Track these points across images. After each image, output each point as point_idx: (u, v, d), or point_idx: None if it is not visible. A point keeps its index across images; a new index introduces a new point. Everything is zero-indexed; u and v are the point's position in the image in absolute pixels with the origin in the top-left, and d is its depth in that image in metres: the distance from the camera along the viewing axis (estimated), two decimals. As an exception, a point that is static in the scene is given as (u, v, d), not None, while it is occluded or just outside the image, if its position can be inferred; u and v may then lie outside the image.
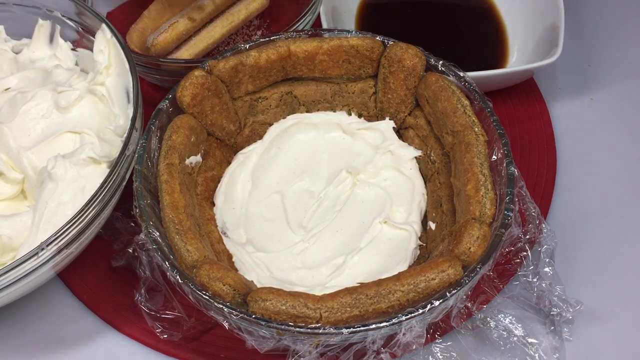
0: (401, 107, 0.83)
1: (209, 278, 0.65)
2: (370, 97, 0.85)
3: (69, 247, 0.70)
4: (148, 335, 0.77)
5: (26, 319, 0.80)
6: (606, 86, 1.02)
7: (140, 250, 0.71)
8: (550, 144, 0.94)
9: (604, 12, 1.11)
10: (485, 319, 0.74)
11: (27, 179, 0.79)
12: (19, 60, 0.89)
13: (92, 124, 0.81)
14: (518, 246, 0.74)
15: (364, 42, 0.81)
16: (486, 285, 0.72)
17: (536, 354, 0.74)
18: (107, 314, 0.80)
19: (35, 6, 0.89)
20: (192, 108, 0.78)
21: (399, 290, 0.65)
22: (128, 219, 0.78)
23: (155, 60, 0.87)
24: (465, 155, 0.74)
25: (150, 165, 0.74)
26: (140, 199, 0.71)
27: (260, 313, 0.64)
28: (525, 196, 0.74)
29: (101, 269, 0.83)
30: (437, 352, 0.71)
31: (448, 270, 0.65)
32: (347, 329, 0.63)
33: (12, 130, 0.80)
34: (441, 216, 0.77)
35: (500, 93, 0.97)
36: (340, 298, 0.65)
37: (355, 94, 0.86)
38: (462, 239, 0.68)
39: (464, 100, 0.77)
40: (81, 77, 0.84)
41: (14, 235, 0.74)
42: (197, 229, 0.71)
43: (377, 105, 0.85)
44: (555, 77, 1.02)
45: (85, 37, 0.88)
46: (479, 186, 0.72)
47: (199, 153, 0.79)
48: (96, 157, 0.75)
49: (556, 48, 0.92)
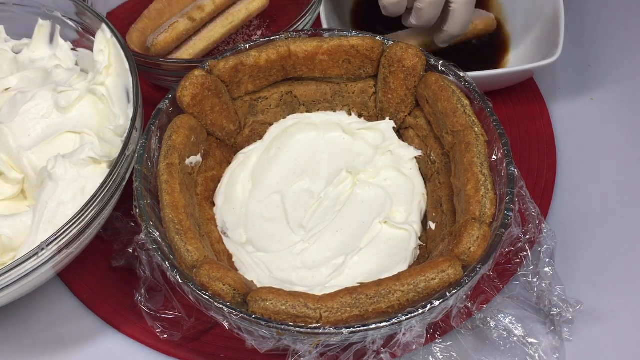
0: (401, 107, 0.83)
1: (209, 278, 0.65)
2: (370, 97, 0.85)
3: (69, 247, 0.70)
4: (148, 335, 0.77)
5: (26, 319, 0.80)
6: (606, 86, 1.02)
7: (140, 250, 0.71)
8: (550, 144, 0.94)
9: (604, 12, 1.11)
10: (485, 319, 0.74)
11: (27, 179, 0.79)
12: (19, 60, 0.89)
13: (92, 124, 0.81)
14: (518, 246, 0.74)
15: (364, 42, 0.81)
16: (486, 285, 0.72)
17: (536, 354, 0.74)
18: (107, 314, 0.80)
19: (35, 6, 0.89)
20: (192, 108, 0.78)
21: (399, 290, 0.65)
22: (128, 219, 0.78)
23: (155, 60, 0.88)
24: (465, 155, 0.74)
25: (150, 165, 0.74)
26: (140, 199, 0.71)
27: (260, 313, 0.64)
28: (525, 196, 0.74)
29: (101, 269, 0.83)
30: (437, 352, 0.71)
31: (448, 270, 0.65)
32: (347, 329, 0.63)
33: (12, 130, 0.80)
34: (441, 216, 0.77)
35: (500, 93, 0.97)
36: (340, 298, 0.65)
37: (355, 94, 0.86)
38: (462, 239, 0.68)
39: (464, 100, 0.77)
40: (81, 77, 0.85)
41: (14, 235, 0.74)
42: (197, 229, 0.71)
43: (377, 105, 0.85)
44: (555, 77, 1.02)
45: (85, 37, 0.88)
46: (479, 186, 0.72)
47: (199, 153, 0.79)
48: (96, 157, 0.75)
49: (556, 48, 0.92)
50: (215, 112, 0.80)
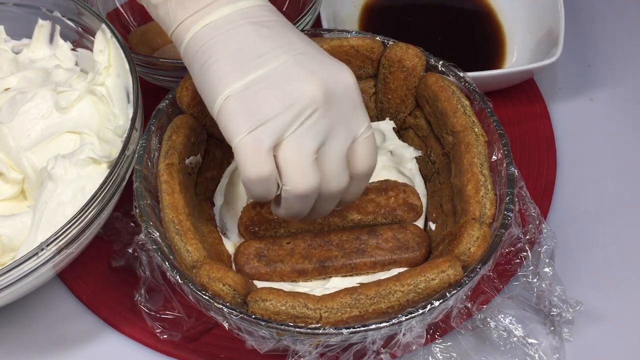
0: (401, 108, 0.83)
1: (208, 278, 0.65)
2: (370, 98, 0.85)
3: (69, 247, 0.70)
4: (148, 336, 0.77)
5: (26, 319, 0.80)
6: (606, 86, 1.02)
7: (140, 250, 0.71)
8: (550, 144, 0.94)
9: (604, 12, 1.11)
10: (485, 320, 0.74)
11: (27, 179, 0.79)
12: (19, 60, 0.89)
13: (92, 124, 0.81)
14: (518, 246, 0.73)
15: (364, 42, 0.81)
16: (486, 285, 0.72)
17: (536, 354, 0.74)
18: (106, 314, 0.80)
19: (35, 6, 0.89)
20: (192, 108, 0.78)
21: (398, 290, 0.65)
22: (128, 219, 0.78)
23: (155, 60, 0.87)
24: (465, 156, 0.74)
25: (150, 165, 0.74)
26: (140, 199, 0.71)
27: (260, 313, 0.64)
28: (525, 196, 0.74)
29: (101, 269, 0.83)
30: (437, 353, 0.71)
31: (448, 271, 0.65)
32: (347, 329, 0.63)
33: (12, 131, 0.80)
34: (441, 216, 0.77)
35: (500, 93, 0.97)
36: (340, 298, 0.65)
37: (355, 94, 0.86)
38: (462, 240, 0.68)
39: (464, 100, 0.77)
40: (81, 78, 0.84)
41: (13, 236, 0.74)
42: (196, 230, 0.71)
43: (377, 105, 0.85)
44: (555, 77, 1.02)
45: (85, 37, 0.88)
46: (479, 186, 0.72)
47: (198, 153, 0.79)
48: (96, 157, 0.75)
49: (556, 48, 0.92)
50: (215, 112, 0.80)
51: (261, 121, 0.59)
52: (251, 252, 0.74)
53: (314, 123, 0.60)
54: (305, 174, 0.60)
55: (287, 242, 0.75)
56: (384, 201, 0.78)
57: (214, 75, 0.61)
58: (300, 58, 0.62)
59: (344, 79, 0.62)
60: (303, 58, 0.62)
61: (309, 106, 0.60)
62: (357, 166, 0.64)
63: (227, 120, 0.60)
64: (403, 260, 0.74)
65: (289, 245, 0.75)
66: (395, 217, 0.77)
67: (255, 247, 0.75)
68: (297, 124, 0.59)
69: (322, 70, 0.61)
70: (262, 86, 0.60)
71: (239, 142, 0.60)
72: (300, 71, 0.61)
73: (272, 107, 0.59)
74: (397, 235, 0.75)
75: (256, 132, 0.59)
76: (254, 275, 0.74)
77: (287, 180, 0.60)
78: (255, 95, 0.60)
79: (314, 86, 0.60)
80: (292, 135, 0.60)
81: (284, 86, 0.60)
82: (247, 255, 0.74)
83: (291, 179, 0.60)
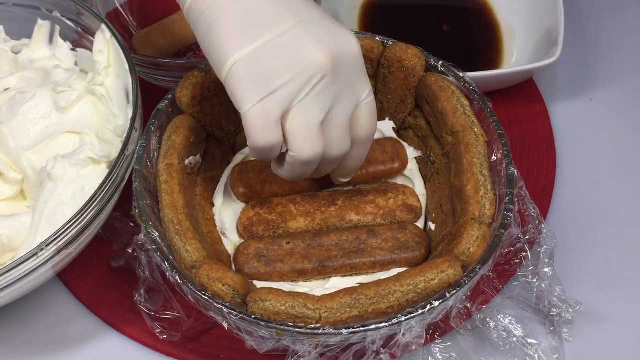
0: (401, 108, 0.83)
1: (208, 278, 0.65)
2: (370, 98, 0.85)
3: (69, 247, 0.70)
4: (147, 336, 0.77)
5: (25, 319, 0.80)
6: (606, 86, 1.02)
7: (140, 250, 0.71)
8: (550, 144, 0.94)
9: (603, 12, 1.11)
10: (484, 320, 0.74)
11: (27, 179, 0.79)
12: (19, 60, 0.89)
13: (92, 125, 0.81)
14: (517, 247, 0.73)
15: (364, 42, 0.81)
16: (486, 285, 0.72)
17: (536, 354, 0.74)
18: (106, 314, 0.80)
19: (35, 6, 0.89)
20: (192, 108, 0.78)
21: (398, 290, 0.65)
22: (127, 220, 0.78)
23: (155, 60, 0.87)
24: (464, 156, 0.74)
25: (149, 165, 0.74)
26: (140, 200, 0.71)
27: (260, 313, 0.64)
28: (525, 196, 0.74)
29: (101, 269, 0.83)
30: (437, 353, 0.71)
31: (448, 271, 0.65)
32: (347, 329, 0.63)
33: (12, 131, 0.80)
34: (441, 217, 0.77)
35: (500, 93, 0.97)
36: (340, 298, 0.65)
37: (355, 94, 0.86)
38: (462, 240, 0.68)
39: (463, 100, 0.77)
40: (81, 78, 0.84)
41: (13, 236, 0.74)
42: (196, 230, 0.71)
43: (377, 105, 0.85)
44: (555, 78, 1.02)
45: (84, 37, 0.88)
46: (479, 187, 0.72)
47: (198, 153, 0.79)
48: (96, 158, 0.75)
49: (556, 48, 0.92)
50: (215, 112, 0.80)
51: (270, 90, 0.60)
52: (251, 252, 0.74)
53: (321, 91, 0.61)
54: (312, 141, 0.62)
55: (287, 242, 0.75)
56: (383, 203, 0.78)
57: (221, 39, 0.61)
58: (308, 24, 0.61)
59: (350, 46, 0.63)
60: (310, 24, 0.62)
61: (317, 74, 0.60)
62: (359, 131, 0.66)
63: (236, 86, 0.61)
64: (403, 260, 0.74)
65: (288, 245, 0.75)
66: (394, 219, 0.77)
67: (254, 247, 0.75)
68: (305, 92, 0.60)
69: (330, 38, 0.61)
70: (271, 53, 0.60)
71: (247, 110, 0.60)
72: (308, 38, 0.61)
73: (280, 76, 0.60)
74: (396, 235, 0.75)
75: (265, 101, 0.60)
76: (254, 275, 0.74)
77: (293, 147, 0.62)
78: (263, 63, 0.60)
79: (322, 54, 0.60)
80: (300, 104, 0.60)
81: (293, 54, 0.60)
82: (246, 255, 0.74)
83: (298, 146, 0.62)
